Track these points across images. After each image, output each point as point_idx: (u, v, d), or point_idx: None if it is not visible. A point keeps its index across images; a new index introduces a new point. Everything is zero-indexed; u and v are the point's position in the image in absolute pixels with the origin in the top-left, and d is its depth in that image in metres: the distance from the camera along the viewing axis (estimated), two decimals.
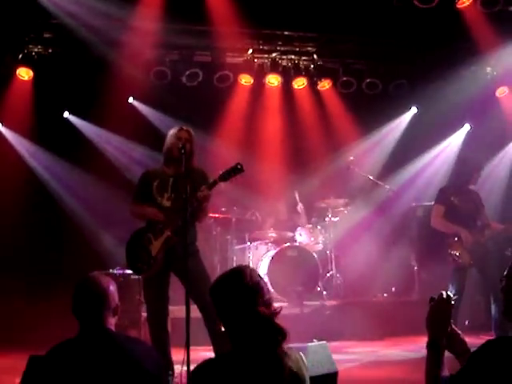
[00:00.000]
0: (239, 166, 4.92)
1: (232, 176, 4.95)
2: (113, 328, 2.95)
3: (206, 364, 2.38)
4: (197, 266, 5.06)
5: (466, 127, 10.18)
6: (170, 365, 5.02)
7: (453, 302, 2.38)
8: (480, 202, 6.95)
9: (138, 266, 5.16)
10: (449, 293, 2.38)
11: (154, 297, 5.21)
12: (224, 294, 2.44)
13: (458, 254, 6.58)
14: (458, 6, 7.80)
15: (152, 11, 7.57)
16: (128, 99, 9.29)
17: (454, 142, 10.21)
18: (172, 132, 5.31)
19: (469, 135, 10.15)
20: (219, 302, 2.45)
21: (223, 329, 2.46)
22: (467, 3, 7.75)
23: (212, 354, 3.22)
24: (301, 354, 2.49)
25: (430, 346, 2.34)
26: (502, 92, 9.68)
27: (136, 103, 9.37)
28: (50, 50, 8.37)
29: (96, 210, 8.91)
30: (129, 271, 7.09)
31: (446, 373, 2.31)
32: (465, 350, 2.36)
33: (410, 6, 7.42)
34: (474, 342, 2.27)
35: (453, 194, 6.83)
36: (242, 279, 2.42)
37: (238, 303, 2.39)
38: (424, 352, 2.36)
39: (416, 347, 6.55)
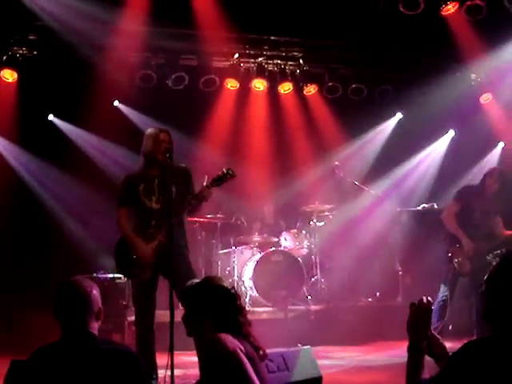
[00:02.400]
0: (231, 172, 5.01)
1: (224, 182, 5.03)
2: (96, 332, 2.92)
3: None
4: (186, 269, 5.05)
5: (451, 133, 10.25)
6: (154, 368, 5.00)
7: (432, 307, 2.46)
8: (495, 209, 6.77)
9: (131, 270, 5.12)
10: (429, 298, 2.46)
11: (143, 300, 5.17)
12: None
13: (458, 260, 6.61)
14: (443, 13, 7.86)
15: (138, 14, 7.55)
16: (113, 102, 9.25)
17: (438, 147, 10.28)
18: (151, 133, 5.22)
19: (453, 141, 10.22)
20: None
21: None
22: (452, 10, 7.82)
23: (196, 359, 3.20)
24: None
25: (410, 348, 2.41)
26: (486, 98, 9.77)
27: (121, 106, 9.33)
28: (34, 52, 8.30)
29: (80, 213, 8.86)
30: (113, 275, 7.08)
31: (426, 375, 2.36)
32: (444, 354, 2.44)
33: (396, 13, 7.48)
34: (457, 346, 2.29)
35: (474, 196, 6.74)
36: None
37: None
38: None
39: (400, 352, 6.47)
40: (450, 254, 6.67)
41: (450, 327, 7.43)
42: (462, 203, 6.74)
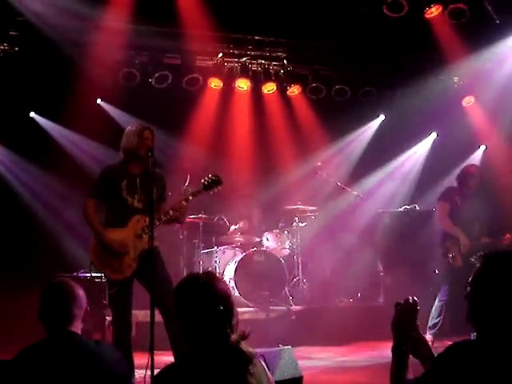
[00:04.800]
0: (219, 179, 5.24)
1: (213, 188, 5.23)
2: (79, 333, 2.91)
3: (166, 370, 2.36)
4: (162, 269, 5.05)
5: (433, 135, 10.32)
6: (132, 368, 4.96)
7: (418, 307, 2.41)
8: (481, 211, 7.03)
9: (116, 269, 5.05)
10: (415, 298, 2.42)
11: (123, 299, 5.11)
12: (190, 299, 2.41)
13: (452, 255, 6.77)
14: (427, 16, 7.90)
15: (122, 12, 7.50)
16: (96, 100, 9.18)
17: (420, 149, 10.35)
18: (134, 130, 5.19)
19: (435, 143, 10.29)
20: (182, 306, 2.42)
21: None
22: (435, 13, 7.86)
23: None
24: (262, 363, 2.47)
25: (395, 349, 2.37)
26: (468, 101, 9.84)
27: (104, 104, 9.26)
28: (16, 48, 8.20)
29: (61, 211, 8.78)
30: (94, 274, 7.01)
31: (410, 376, 2.34)
32: (430, 355, 2.40)
33: (380, 15, 7.51)
34: (438, 345, 2.29)
35: (458, 194, 7.02)
36: (212, 287, 2.39)
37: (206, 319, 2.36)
38: (389, 357, 2.38)
39: (381, 352, 6.59)
40: (444, 250, 6.87)
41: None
42: (450, 203, 6.91)
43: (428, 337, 6.59)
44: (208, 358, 2.31)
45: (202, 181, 5.22)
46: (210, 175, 5.24)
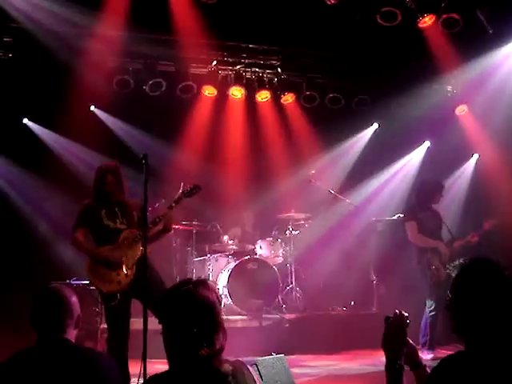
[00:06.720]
0: (198, 186, 5.49)
1: (193, 194, 5.46)
2: (73, 340, 2.89)
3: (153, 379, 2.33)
4: (156, 277, 5.17)
5: (426, 144, 10.35)
6: (127, 377, 4.96)
7: (408, 321, 2.38)
8: (441, 220, 7.21)
9: (114, 281, 5.13)
10: (403, 312, 2.38)
11: (123, 313, 5.17)
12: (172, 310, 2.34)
13: (434, 267, 6.77)
14: (420, 26, 7.94)
15: (116, 19, 7.49)
16: (90, 107, 9.17)
17: (414, 158, 10.38)
18: (96, 176, 5.39)
19: (428, 152, 10.32)
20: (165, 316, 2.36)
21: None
22: (429, 23, 7.90)
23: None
24: (253, 371, 2.42)
25: (388, 367, 2.32)
26: (461, 110, 9.88)
27: (98, 111, 9.25)
28: (9, 55, 8.19)
29: (54, 218, 8.74)
30: (86, 282, 6.99)
31: None
32: (417, 362, 2.40)
33: (374, 24, 7.54)
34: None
35: (419, 212, 7.11)
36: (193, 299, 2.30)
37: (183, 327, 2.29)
38: (382, 365, 2.36)
39: (374, 361, 6.58)
40: (425, 264, 6.84)
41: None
42: (416, 221, 7.05)
43: (424, 353, 6.55)
44: (180, 372, 2.26)
45: (183, 188, 5.47)
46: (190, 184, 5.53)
